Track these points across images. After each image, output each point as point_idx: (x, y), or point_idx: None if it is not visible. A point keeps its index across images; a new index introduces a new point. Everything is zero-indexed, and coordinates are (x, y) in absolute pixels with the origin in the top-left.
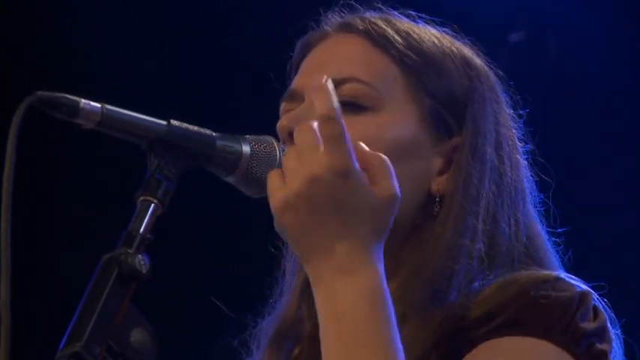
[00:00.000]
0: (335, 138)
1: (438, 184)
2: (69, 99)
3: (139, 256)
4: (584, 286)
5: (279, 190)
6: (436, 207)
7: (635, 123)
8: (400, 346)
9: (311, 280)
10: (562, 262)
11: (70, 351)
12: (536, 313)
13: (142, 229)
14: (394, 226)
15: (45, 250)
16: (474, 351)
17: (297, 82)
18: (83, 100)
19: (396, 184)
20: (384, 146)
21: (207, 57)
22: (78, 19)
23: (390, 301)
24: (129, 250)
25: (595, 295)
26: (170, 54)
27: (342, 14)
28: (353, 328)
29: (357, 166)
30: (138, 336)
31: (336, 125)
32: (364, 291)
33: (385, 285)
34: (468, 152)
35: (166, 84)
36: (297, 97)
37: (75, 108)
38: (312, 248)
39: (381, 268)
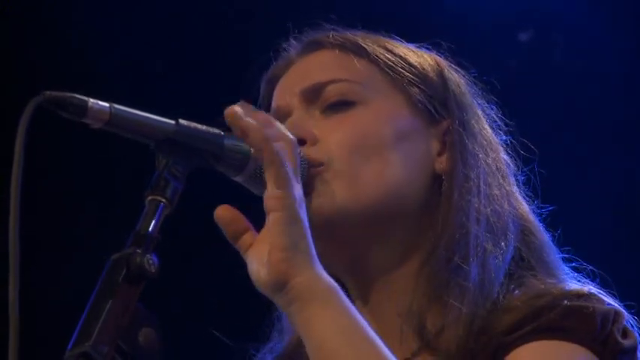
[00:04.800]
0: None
1: (441, 163)
2: (77, 98)
3: (148, 255)
4: (615, 303)
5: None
6: (443, 185)
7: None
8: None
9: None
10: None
11: (79, 351)
12: (579, 321)
13: (150, 229)
14: (407, 211)
15: (53, 249)
16: (513, 353)
17: (278, 101)
18: (91, 100)
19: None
20: (384, 135)
21: (215, 56)
22: (85, 19)
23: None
24: (137, 250)
25: (626, 314)
26: (178, 53)
27: (303, 39)
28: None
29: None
30: (146, 335)
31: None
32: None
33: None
34: (459, 127)
35: (174, 83)
36: (284, 115)
37: (83, 107)
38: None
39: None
